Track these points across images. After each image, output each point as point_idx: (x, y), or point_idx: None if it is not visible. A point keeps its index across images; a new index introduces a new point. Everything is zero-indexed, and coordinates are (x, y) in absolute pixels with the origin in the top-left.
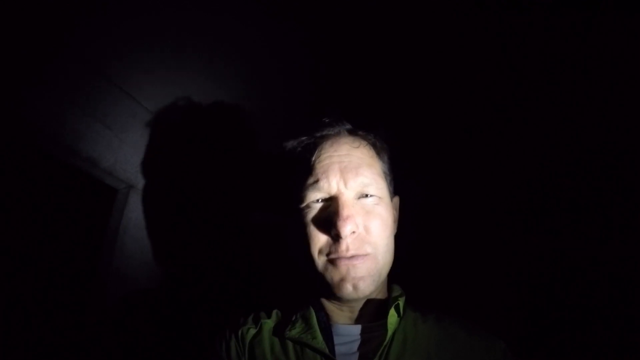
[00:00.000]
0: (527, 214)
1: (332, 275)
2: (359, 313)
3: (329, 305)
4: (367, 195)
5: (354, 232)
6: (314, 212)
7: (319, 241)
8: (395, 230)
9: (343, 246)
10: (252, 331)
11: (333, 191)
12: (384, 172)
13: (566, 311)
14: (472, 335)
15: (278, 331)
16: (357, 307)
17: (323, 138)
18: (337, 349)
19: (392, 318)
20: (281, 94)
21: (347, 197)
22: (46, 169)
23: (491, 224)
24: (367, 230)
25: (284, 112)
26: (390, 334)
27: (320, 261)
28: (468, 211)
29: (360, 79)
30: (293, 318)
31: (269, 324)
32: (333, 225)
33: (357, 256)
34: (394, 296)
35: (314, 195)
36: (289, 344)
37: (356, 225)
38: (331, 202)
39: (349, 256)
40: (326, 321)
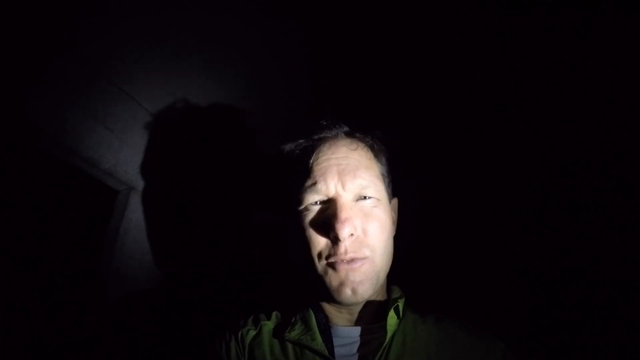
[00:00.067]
0: (527, 214)
1: (331, 279)
2: (359, 315)
3: (328, 307)
4: (366, 197)
5: (353, 235)
6: (313, 215)
7: (318, 244)
8: (394, 232)
9: (342, 249)
10: (252, 333)
11: (331, 193)
12: (382, 174)
13: (566, 311)
14: (472, 335)
15: (278, 333)
16: (357, 309)
17: (321, 140)
18: (337, 351)
19: (392, 320)
20: (281, 94)
21: (345, 200)
22: (47, 170)
23: (491, 224)
24: (365, 232)
25: (284, 113)
26: (389, 336)
27: (319, 265)
28: (468, 211)
29: (360, 79)
30: (292, 320)
31: (269, 326)
32: (331, 227)
33: (356, 260)
34: (394, 298)
35: (312, 197)
36: (289, 346)
37: (354, 227)
38: (329, 205)
39: (348, 259)
40: (325, 323)
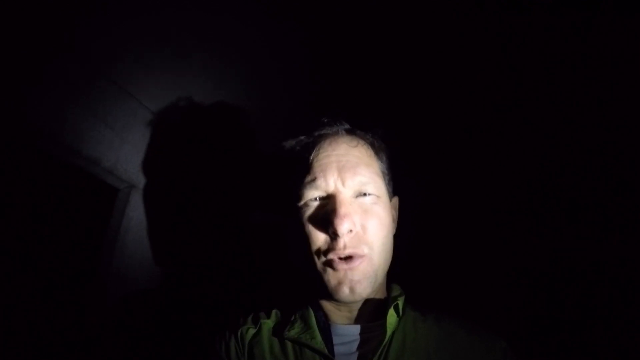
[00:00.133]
0: (527, 214)
1: (330, 278)
2: (358, 313)
3: (328, 305)
4: (365, 194)
5: (351, 231)
6: (312, 211)
7: (317, 240)
8: (394, 230)
9: (340, 244)
10: (252, 331)
11: (330, 189)
12: (382, 172)
13: (566, 311)
14: (472, 334)
15: (277, 331)
16: (356, 307)
17: (321, 137)
18: (336, 349)
19: (391, 318)
20: (281, 94)
21: (345, 196)
22: (47, 169)
23: (491, 224)
24: (365, 229)
25: (284, 112)
26: (389, 334)
27: (318, 262)
28: (468, 211)
29: (360, 79)
30: (292, 318)
31: (268, 324)
32: (330, 223)
33: (354, 258)
34: (393, 296)
35: (312, 193)
36: (288, 344)
37: (353, 223)
38: (329, 201)
39: (346, 254)
40: (325, 321)
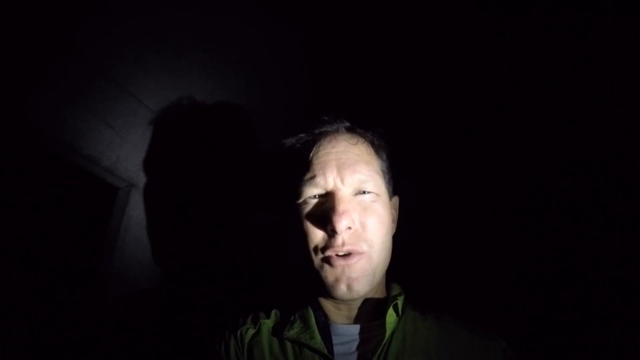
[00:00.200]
0: (527, 214)
1: (327, 274)
2: (357, 312)
3: (327, 304)
4: (365, 192)
5: (350, 228)
6: (311, 208)
7: (315, 237)
8: (394, 229)
9: (339, 241)
10: (251, 331)
11: (329, 187)
12: (382, 170)
13: (566, 311)
14: (472, 334)
15: (277, 331)
16: (355, 307)
17: (321, 135)
18: (336, 349)
19: (391, 317)
20: (281, 94)
21: (344, 193)
22: (47, 168)
23: (491, 224)
24: (364, 226)
25: (284, 112)
26: (389, 334)
27: (316, 259)
28: (468, 211)
29: (360, 79)
30: (291, 318)
31: (268, 324)
32: (329, 220)
33: (352, 255)
34: (393, 295)
35: (311, 191)
36: (288, 344)
37: (352, 220)
38: (328, 198)
39: (345, 251)
40: (324, 321)
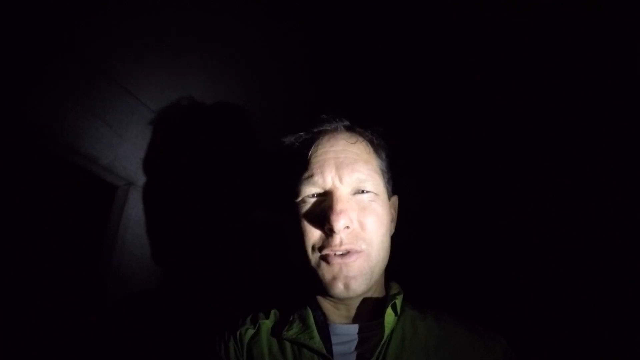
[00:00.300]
0: (527, 214)
1: (325, 273)
2: (356, 312)
3: (326, 304)
4: (363, 191)
5: (348, 228)
6: (308, 207)
7: (313, 236)
8: (392, 229)
9: (336, 240)
10: (251, 332)
11: (328, 186)
12: (382, 170)
13: (566, 311)
14: (472, 333)
15: (276, 331)
16: (354, 306)
17: (320, 133)
18: (335, 349)
19: (389, 317)
20: (281, 94)
21: (342, 192)
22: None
23: (491, 224)
24: (362, 226)
25: (284, 112)
26: (387, 333)
27: (313, 257)
28: (468, 211)
29: (360, 79)
30: (290, 318)
31: (267, 325)
32: (327, 219)
33: (350, 254)
34: (392, 294)
35: (309, 189)
36: (287, 345)
37: (350, 220)
38: (326, 197)
39: (343, 250)
40: (323, 321)
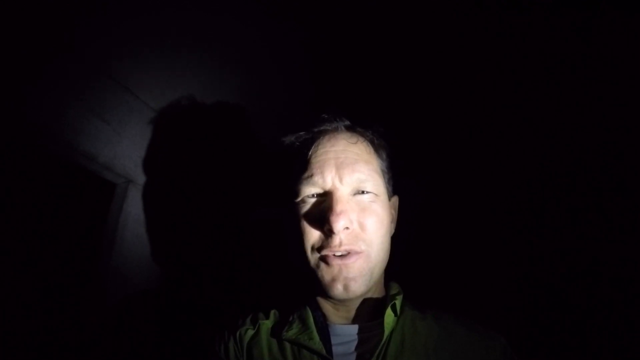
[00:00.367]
0: (527, 214)
1: (324, 273)
2: (356, 312)
3: (326, 304)
4: (364, 191)
5: (348, 228)
6: (308, 207)
7: (312, 236)
8: (393, 230)
9: (336, 241)
10: (250, 332)
11: (327, 186)
12: (382, 170)
13: (566, 311)
14: (472, 333)
15: (276, 332)
16: (354, 307)
17: (321, 133)
18: (335, 349)
19: (389, 317)
20: (281, 94)
21: (342, 193)
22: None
23: (491, 224)
24: (362, 226)
25: (284, 111)
26: (387, 334)
27: (312, 257)
28: (468, 211)
29: (360, 79)
30: (290, 318)
31: (267, 325)
32: (326, 220)
33: (350, 255)
34: (391, 294)
35: (309, 189)
36: (287, 345)
37: (350, 221)
38: (326, 198)
39: (342, 251)
40: (323, 321)
